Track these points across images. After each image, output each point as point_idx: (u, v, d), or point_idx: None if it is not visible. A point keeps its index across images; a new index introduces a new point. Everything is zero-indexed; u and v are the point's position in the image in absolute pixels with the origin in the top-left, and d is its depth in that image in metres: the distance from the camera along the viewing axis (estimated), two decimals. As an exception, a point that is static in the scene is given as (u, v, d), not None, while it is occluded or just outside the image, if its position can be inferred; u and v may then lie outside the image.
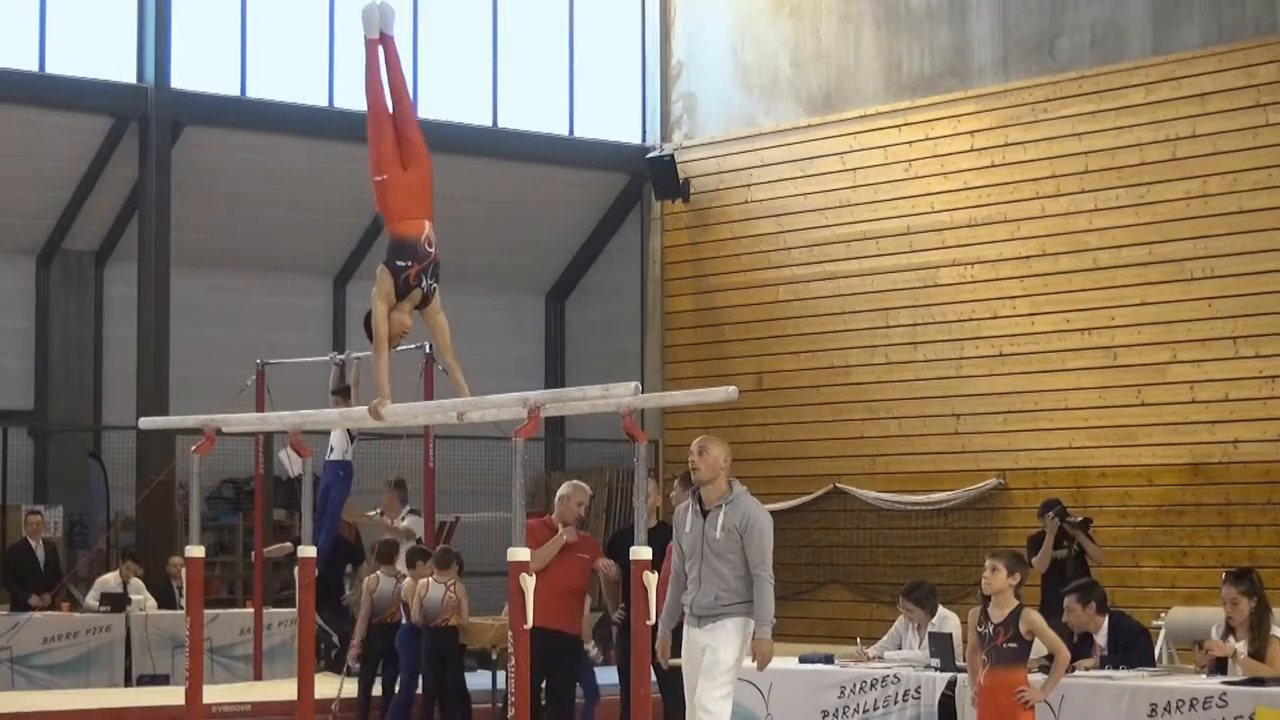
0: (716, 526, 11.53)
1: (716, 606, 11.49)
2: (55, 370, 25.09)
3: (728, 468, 11.77)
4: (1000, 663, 11.19)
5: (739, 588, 11.45)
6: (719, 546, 11.49)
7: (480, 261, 27.44)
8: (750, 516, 11.53)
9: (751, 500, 11.66)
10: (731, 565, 11.48)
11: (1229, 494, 20.03)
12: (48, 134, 23.85)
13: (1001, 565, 11.27)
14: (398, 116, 11.49)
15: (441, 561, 17.08)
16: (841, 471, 23.23)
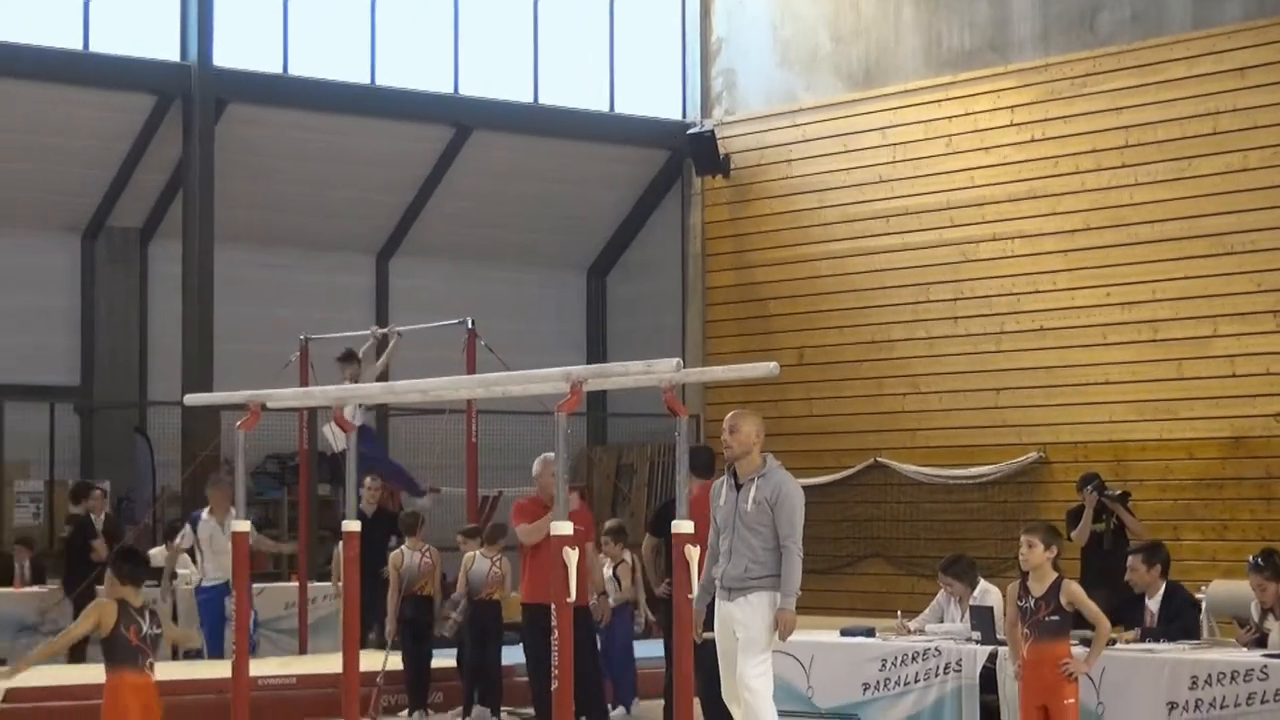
0: (749, 499, 11.52)
1: (746, 579, 11.47)
2: (101, 347, 25.18)
3: (760, 442, 11.74)
4: (1043, 636, 11.21)
5: (768, 560, 11.43)
6: (750, 519, 11.48)
7: (522, 238, 27.49)
8: (782, 489, 11.51)
9: (784, 474, 11.64)
10: (762, 538, 11.46)
11: (1270, 467, 20.00)
12: (92, 112, 23.93)
13: (1038, 540, 11.31)
14: None
15: (490, 537, 17.15)
16: (882, 446, 23.22)
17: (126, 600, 9.86)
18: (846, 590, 22.44)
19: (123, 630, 9.80)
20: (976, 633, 13.15)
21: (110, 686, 9.77)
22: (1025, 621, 11.32)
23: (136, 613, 9.82)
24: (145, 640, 9.80)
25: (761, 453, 11.71)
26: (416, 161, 26.30)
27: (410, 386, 13.51)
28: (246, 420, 11.86)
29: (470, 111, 26.19)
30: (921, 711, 12.99)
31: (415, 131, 25.94)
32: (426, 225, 26.93)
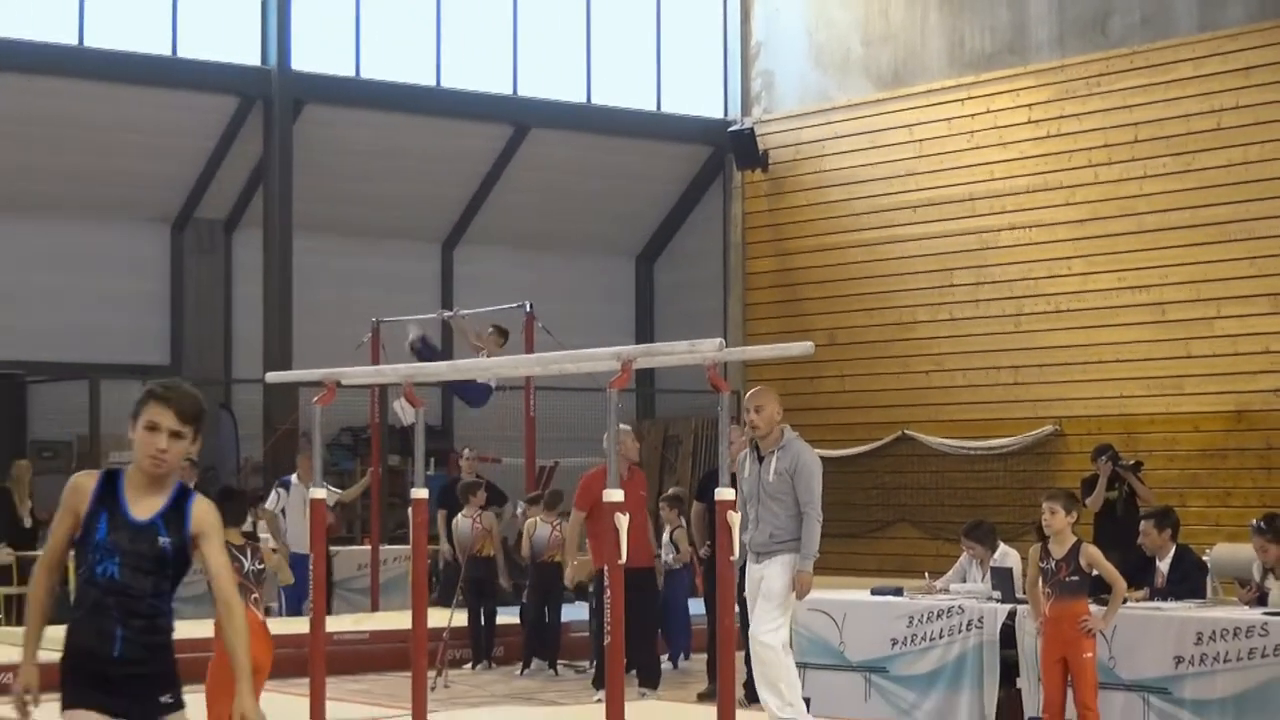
0: (770, 470, 11.52)
1: (771, 544, 11.48)
2: (189, 329, 25.28)
3: (780, 418, 11.73)
4: (1064, 594, 11.26)
5: (791, 526, 11.44)
6: (772, 489, 11.47)
7: (576, 228, 27.52)
8: (800, 460, 11.49)
9: (802, 445, 11.63)
10: (784, 505, 11.46)
11: (1270, 439, 19.95)
12: (181, 113, 24.03)
13: (1059, 506, 11.37)
14: None
15: (550, 502, 17.19)
16: (909, 419, 23.20)
17: (228, 541, 9.58)
18: (876, 553, 22.42)
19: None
20: (997, 592, 13.13)
21: (219, 625, 9.56)
22: (1047, 581, 11.36)
23: (238, 551, 9.64)
24: (248, 577, 9.62)
25: (780, 426, 11.70)
26: (478, 157, 26.35)
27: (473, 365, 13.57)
28: (323, 396, 11.88)
29: (528, 111, 26.22)
30: (945, 665, 12.98)
31: (477, 130, 25.98)
32: (488, 216, 26.97)
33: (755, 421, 11.64)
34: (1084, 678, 11.26)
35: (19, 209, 23.86)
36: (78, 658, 5.95)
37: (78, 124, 23.32)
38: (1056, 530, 11.35)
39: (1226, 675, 11.48)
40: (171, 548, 6.00)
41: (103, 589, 5.95)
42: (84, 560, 6.00)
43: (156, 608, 6.02)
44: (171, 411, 5.98)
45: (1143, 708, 11.84)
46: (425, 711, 11.58)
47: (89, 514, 6.01)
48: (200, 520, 6.02)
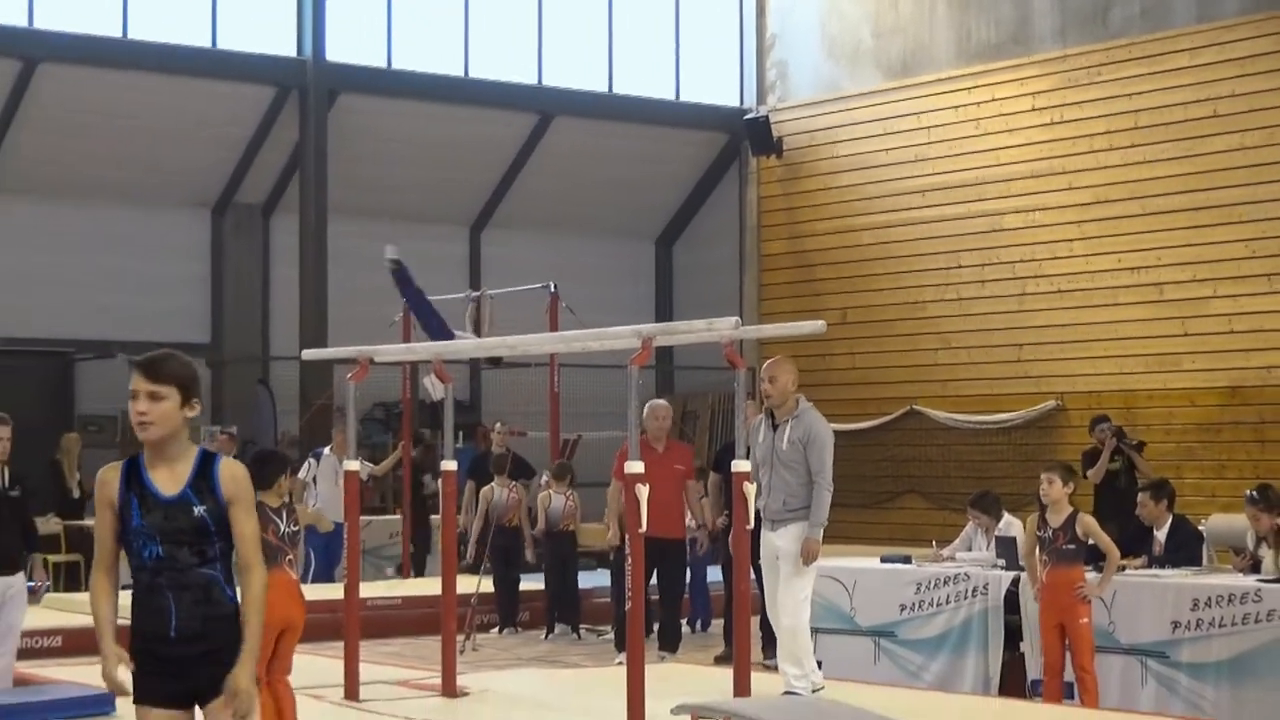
0: (784, 439, 11.41)
1: (784, 511, 11.39)
2: (228, 308, 25.32)
3: (795, 389, 11.61)
4: (1060, 562, 11.26)
5: (803, 494, 11.32)
6: (786, 457, 11.38)
7: (597, 211, 27.51)
8: (812, 430, 11.38)
9: (816, 416, 11.51)
10: (796, 474, 11.35)
11: (1263, 413, 19.93)
12: (220, 102, 24.04)
13: (1056, 477, 11.39)
14: None
15: (559, 474, 17.17)
16: (918, 395, 23.19)
17: (264, 503, 9.37)
18: (886, 522, 22.42)
19: (262, 532, 9.38)
20: (1001, 560, 13.11)
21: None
22: (1044, 550, 11.36)
23: (274, 513, 9.44)
24: (284, 539, 9.46)
25: (795, 396, 11.59)
26: (504, 144, 26.34)
27: (500, 343, 13.54)
28: (356, 373, 11.90)
29: (552, 100, 26.21)
30: (952, 630, 12.96)
31: (503, 118, 25.98)
32: (514, 201, 26.97)
33: (769, 391, 11.54)
34: (1080, 642, 11.26)
35: (66, 195, 23.90)
36: (142, 640, 5.78)
37: (122, 113, 23.36)
38: (1053, 500, 11.36)
39: (1222, 640, 11.46)
40: (210, 515, 5.77)
41: (152, 570, 5.77)
42: (130, 550, 5.84)
43: (209, 578, 5.77)
44: (141, 374, 5.80)
45: (1141, 671, 11.82)
46: (454, 673, 11.60)
47: (121, 504, 5.80)
48: (230, 483, 5.80)
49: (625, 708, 9.53)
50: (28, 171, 23.53)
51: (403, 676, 12.40)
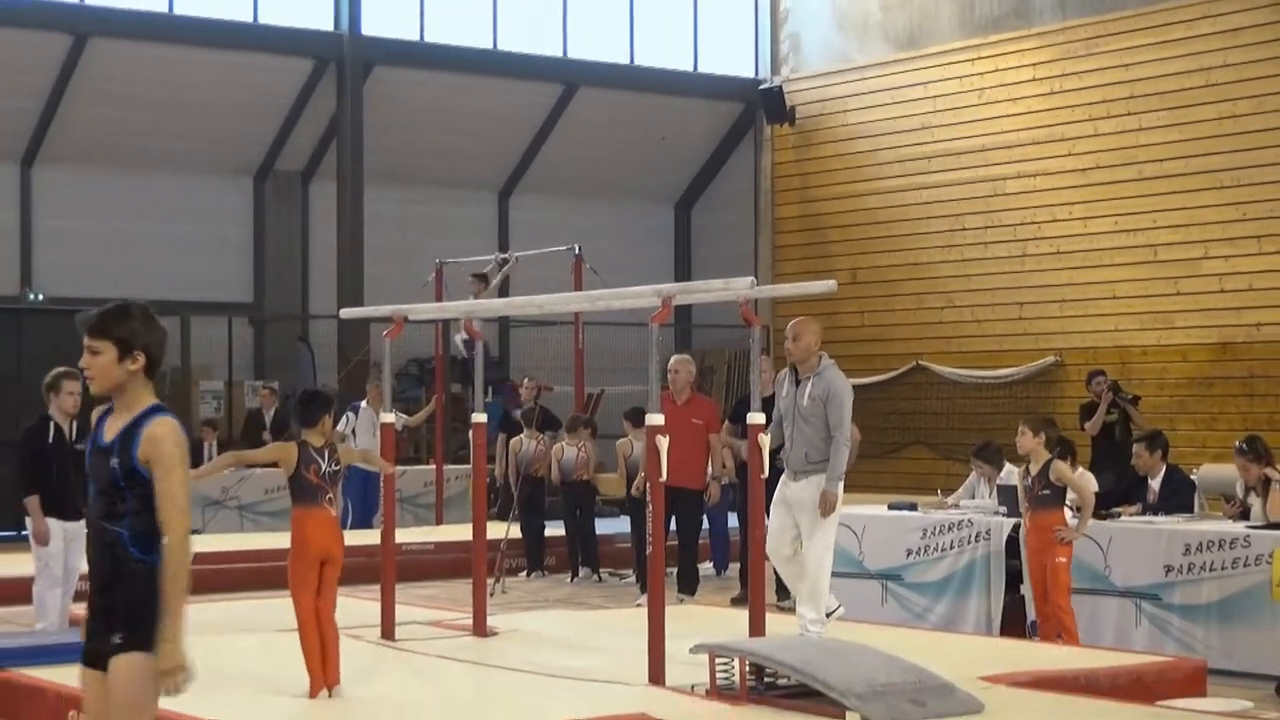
0: (805, 395, 11.36)
1: (805, 464, 11.36)
2: (270, 270, 25.36)
3: (818, 347, 11.55)
4: (1039, 506, 11.31)
5: (823, 448, 11.27)
6: (806, 412, 11.33)
7: (620, 177, 27.49)
8: (832, 387, 11.31)
9: (836, 373, 11.45)
10: (816, 429, 11.30)
11: (1252, 369, 19.89)
12: (261, 74, 24.05)
13: (1027, 428, 11.45)
14: None
15: (570, 426, 17.17)
16: (923, 351, 23.17)
17: (308, 442, 9.34)
18: (893, 472, 22.41)
19: (303, 471, 9.27)
20: (1003, 507, 13.10)
21: (295, 520, 9.33)
22: (1026, 496, 11.40)
23: (316, 453, 9.29)
24: (324, 478, 9.38)
25: (818, 354, 11.55)
26: (531, 114, 26.32)
27: (527, 302, 13.53)
28: (392, 330, 11.89)
29: (576, 71, 26.17)
30: (955, 573, 12.97)
31: (530, 89, 25.95)
32: (540, 167, 26.95)
33: (791, 349, 11.46)
34: (1055, 581, 11.25)
35: (115, 163, 23.94)
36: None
37: (168, 85, 23.37)
38: (1025, 449, 11.41)
39: (1212, 583, 11.46)
40: (120, 470, 5.34)
41: (91, 513, 5.46)
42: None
43: (115, 534, 5.34)
44: (82, 330, 5.68)
45: (1135, 613, 11.82)
46: (485, 614, 11.62)
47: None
48: (147, 443, 5.33)
49: (646, 647, 9.55)
50: (79, 141, 23.57)
51: (436, 617, 12.42)
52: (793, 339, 11.39)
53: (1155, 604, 11.76)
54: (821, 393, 11.26)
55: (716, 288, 10.24)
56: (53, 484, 11.16)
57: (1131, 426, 17.43)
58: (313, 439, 9.41)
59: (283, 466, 9.44)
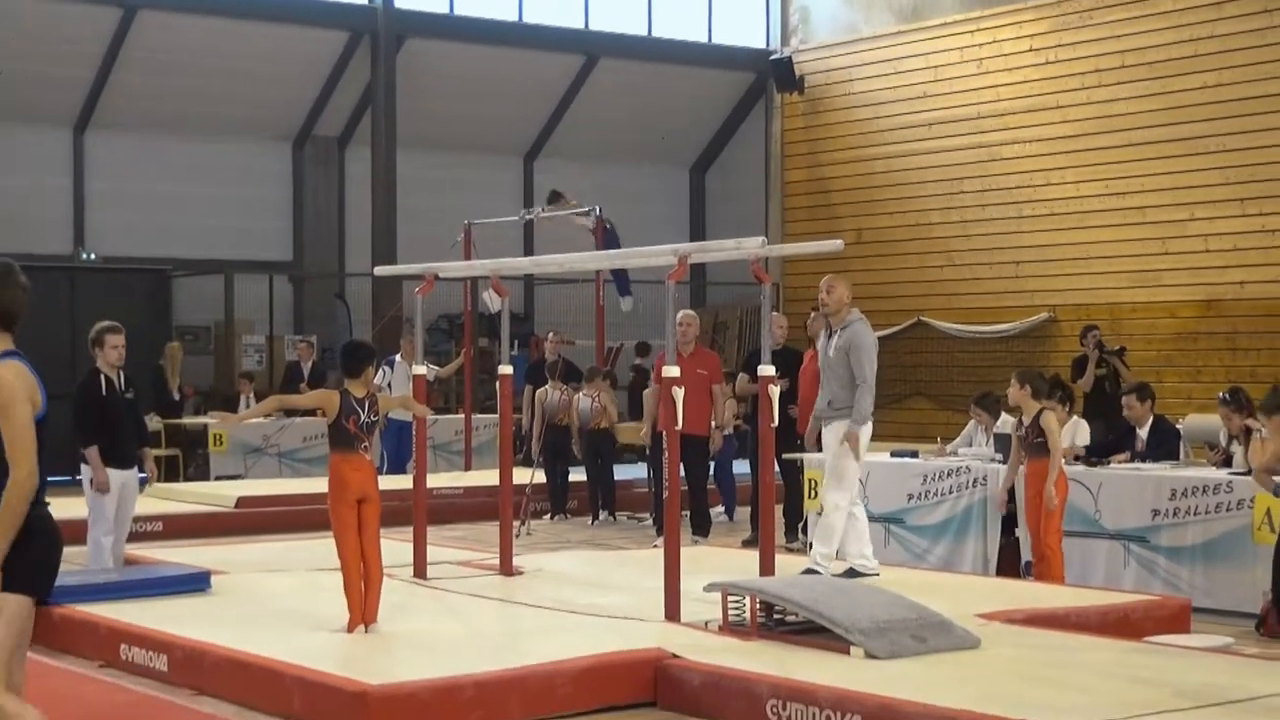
0: (832, 346, 11.43)
1: (829, 410, 11.41)
2: (308, 230, 25.36)
3: (849, 302, 11.61)
4: (1034, 454, 11.37)
5: (844, 396, 11.32)
6: (832, 362, 11.39)
7: (638, 141, 27.44)
8: (856, 338, 11.34)
9: (861, 326, 11.45)
10: (839, 378, 11.35)
11: (1235, 324, 19.83)
12: (300, 46, 24.02)
13: (1015, 381, 11.54)
14: None
15: (588, 377, 17.18)
16: (924, 307, 23.13)
17: (350, 391, 9.34)
18: (895, 421, 22.36)
19: (343, 420, 9.27)
20: (999, 455, 13.10)
21: (333, 465, 9.29)
22: (1022, 445, 11.41)
23: (357, 403, 9.29)
24: (362, 428, 9.36)
25: (849, 308, 11.58)
26: (555, 83, 26.26)
27: (551, 260, 13.52)
28: (423, 287, 11.88)
29: (597, 42, 26.10)
30: (954, 517, 12.97)
31: (553, 59, 25.89)
32: (563, 133, 26.90)
33: (825, 300, 11.52)
34: (1049, 523, 11.32)
35: (162, 129, 23.94)
36: None
37: (214, 56, 23.35)
38: (1014, 401, 11.50)
39: (1196, 526, 11.45)
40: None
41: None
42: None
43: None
44: None
45: (1124, 554, 11.82)
46: (511, 555, 11.65)
47: None
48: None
49: (663, 585, 9.57)
50: (128, 108, 23.56)
51: (465, 558, 12.45)
52: (826, 291, 11.49)
53: (1143, 546, 11.75)
54: (845, 344, 11.32)
55: (729, 247, 10.23)
56: (109, 434, 11.14)
57: (1120, 380, 17.39)
58: (355, 389, 9.41)
59: (325, 413, 9.45)
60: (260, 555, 12.91)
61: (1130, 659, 8.48)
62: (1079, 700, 7.36)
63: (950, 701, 7.24)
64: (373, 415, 9.41)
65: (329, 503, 9.35)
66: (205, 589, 10.81)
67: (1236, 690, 7.60)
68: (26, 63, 22.49)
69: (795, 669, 8.03)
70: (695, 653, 8.44)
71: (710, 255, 11.31)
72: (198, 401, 23.18)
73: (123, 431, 11.17)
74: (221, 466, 20.68)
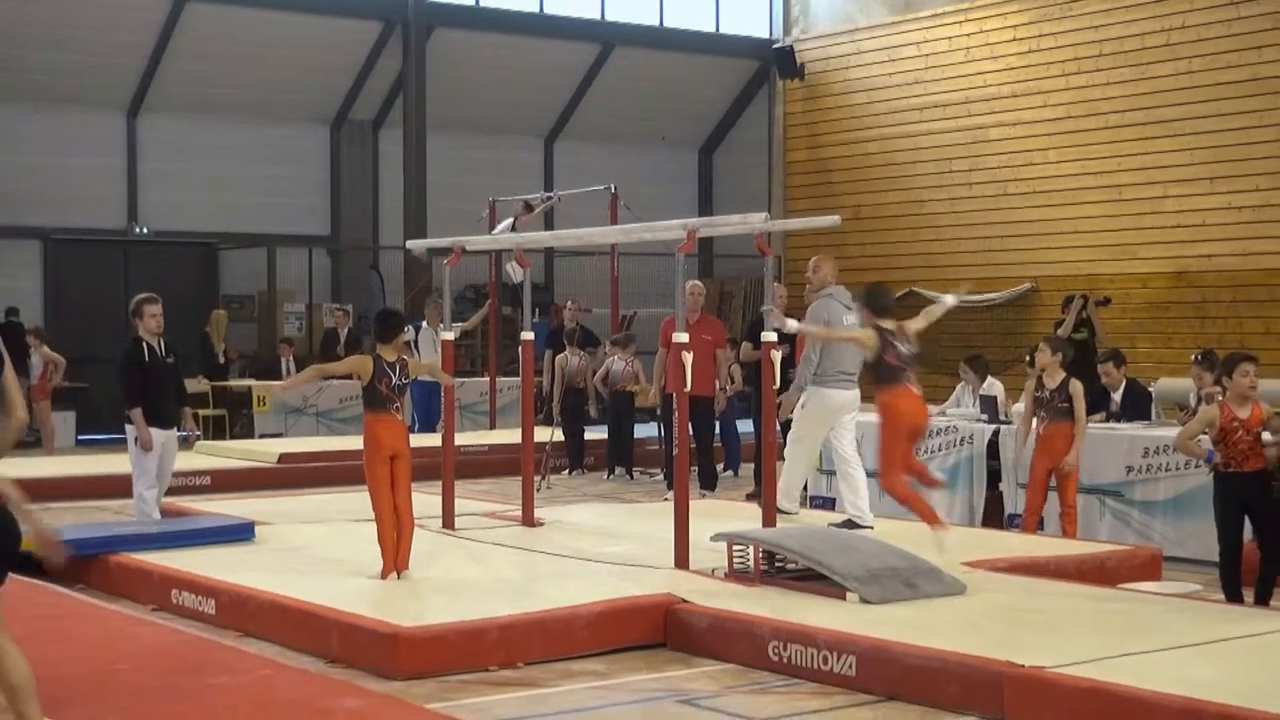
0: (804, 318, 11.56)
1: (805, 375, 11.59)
2: (345, 207, 25.34)
3: (833, 279, 11.63)
4: (1057, 418, 11.21)
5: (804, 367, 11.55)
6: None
7: (651, 125, 27.38)
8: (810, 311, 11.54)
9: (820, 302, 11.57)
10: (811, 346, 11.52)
11: (1204, 294, 19.78)
12: (337, 35, 23.98)
13: (1047, 348, 11.44)
14: None
15: (621, 343, 17.17)
16: (916, 279, 23.04)
17: (382, 356, 9.36)
18: (888, 384, 22.35)
19: (376, 382, 9.30)
20: (984, 415, 13.10)
21: (367, 424, 9.38)
22: (1042, 407, 11.28)
23: (389, 367, 9.32)
24: (394, 389, 9.39)
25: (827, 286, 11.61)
26: (573, 70, 26.19)
27: (570, 234, 13.52)
28: (451, 259, 11.89)
29: (612, 32, 26.02)
30: (943, 472, 12.96)
31: (572, 47, 25.82)
32: (581, 116, 26.84)
33: (810, 278, 11.74)
34: (1069, 482, 11.24)
35: (209, 112, 23.92)
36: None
37: (257, 45, 23.31)
38: (1042, 366, 11.34)
39: (1168, 481, 11.45)
40: None
41: None
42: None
43: None
44: None
45: (1100, 508, 11.83)
46: (532, 507, 11.67)
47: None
48: None
49: (673, 536, 9.58)
50: (178, 93, 23.54)
51: (490, 509, 12.48)
52: (813, 270, 11.61)
53: (1118, 500, 11.75)
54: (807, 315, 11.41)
55: (735, 222, 10.23)
56: (151, 397, 11.16)
57: (1096, 344, 17.36)
58: (387, 354, 9.43)
59: (360, 377, 9.47)
60: (301, 507, 12.95)
61: (1105, 604, 8.49)
62: (1057, 641, 7.37)
63: (938, 643, 7.25)
64: (404, 378, 9.45)
65: (365, 459, 9.37)
66: (250, 539, 10.84)
67: (1203, 633, 7.61)
68: (84, 52, 22.49)
69: (795, 613, 8.04)
70: (702, 598, 8.45)
71: (717, 230, 11.29)
72: (242, 365, 23.23)
73: (163, 394, 11.19)
74: (264, 425, 20.75)
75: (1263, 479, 9.02)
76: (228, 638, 8.37)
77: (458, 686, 7.42)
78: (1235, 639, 7.52)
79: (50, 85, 22.64)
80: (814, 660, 7.49)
